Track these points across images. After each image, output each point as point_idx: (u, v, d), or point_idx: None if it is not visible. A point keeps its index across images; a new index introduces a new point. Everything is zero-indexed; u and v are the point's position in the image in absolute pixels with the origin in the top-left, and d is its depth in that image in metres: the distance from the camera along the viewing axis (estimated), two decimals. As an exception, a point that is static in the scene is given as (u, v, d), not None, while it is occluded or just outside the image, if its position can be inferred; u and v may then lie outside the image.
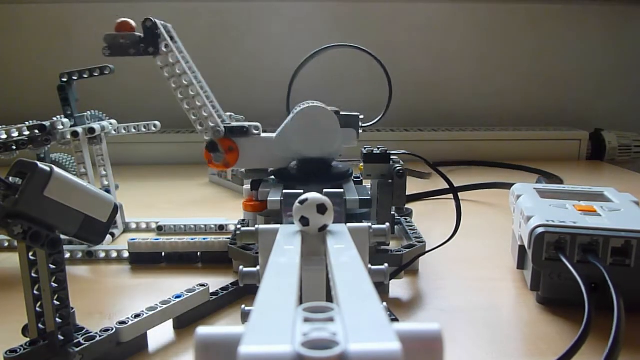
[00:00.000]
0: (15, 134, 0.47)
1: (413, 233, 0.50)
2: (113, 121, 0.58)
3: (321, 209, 0.25)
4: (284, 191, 0.38)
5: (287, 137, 0.48)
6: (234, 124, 0.49)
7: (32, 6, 1.07)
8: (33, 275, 0.30)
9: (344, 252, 0.23)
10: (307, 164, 0.49)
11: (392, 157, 0.48)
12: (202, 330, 0.15)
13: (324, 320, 0.15)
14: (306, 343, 0.14)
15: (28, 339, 0.31)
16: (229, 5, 1.08)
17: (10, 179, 0.28)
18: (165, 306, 0.36)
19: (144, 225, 0.61)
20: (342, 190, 0.38)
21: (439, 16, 1.13)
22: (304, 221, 0.26)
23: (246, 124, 0.49)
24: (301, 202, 0.26)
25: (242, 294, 0.43)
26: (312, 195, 0.26)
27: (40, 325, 0.31)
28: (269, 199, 0.44)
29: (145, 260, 0.50)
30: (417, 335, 0.15)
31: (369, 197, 0.46)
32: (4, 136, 0.47)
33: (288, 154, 0.49)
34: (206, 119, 0.47)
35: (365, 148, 0.49)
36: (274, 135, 0.49)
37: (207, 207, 0.72)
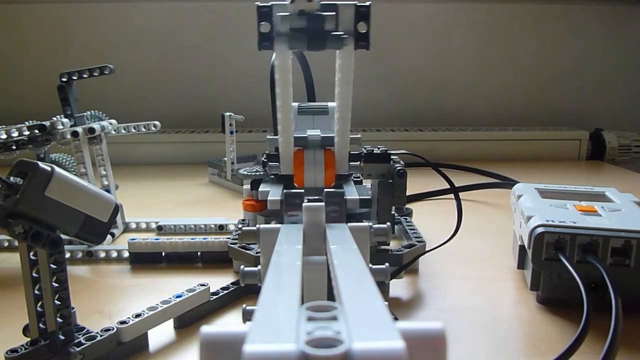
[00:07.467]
0: (15, 134, 0.47)
1: (413, 233, 0.50)
2: (113, 121, 0.58)
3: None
4: (284, 191, 0.38)
5: None
6: None
7: (32, 6, 1.07)
8: (34, 275, 0.30)
9: (345, 251, 0.23)
10: None
11: (392, 157, 0.48)
12: (207, 329, 0.15)
13: (327, 319, 0.15)
14: (310, 341, 0.14)
15: (29, 339, 0.31)
16: (229, 5, 1.08)
17: (11, 178, 0.28)
18: (165, 306, 0.36)
19: (144, 225, 0.61)
20: (342, 190, 0.38)
21: (440, 16, 1.13)
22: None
23: None
24: None
25: (242, 294, 0.43)
26: None
27: (41, 325, 0.31)
28: (269, 198, 0.44)
29: (145, 260, 0.50)
30: (421, 333, 0.15)
31: (369, 197, 0.46)
32: (4, 136, 0.47)
33: None
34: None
35: (365, 148, 0.49)
36: None
37: (207, 207, 0.72)
